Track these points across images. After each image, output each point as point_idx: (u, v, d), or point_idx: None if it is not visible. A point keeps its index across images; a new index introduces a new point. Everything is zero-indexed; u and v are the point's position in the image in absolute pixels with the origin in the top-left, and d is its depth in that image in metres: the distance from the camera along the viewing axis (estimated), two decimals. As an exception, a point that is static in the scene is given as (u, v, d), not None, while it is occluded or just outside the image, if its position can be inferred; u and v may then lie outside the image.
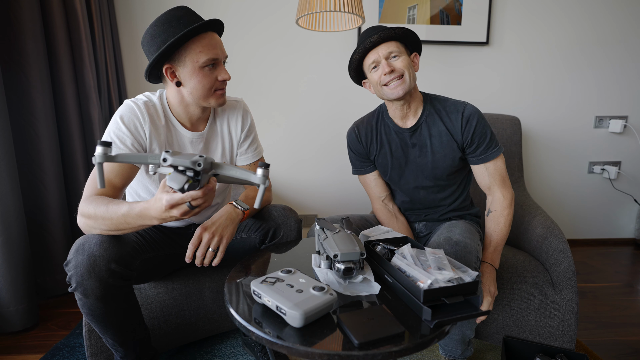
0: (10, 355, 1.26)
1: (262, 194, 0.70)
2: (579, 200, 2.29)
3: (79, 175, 1.62)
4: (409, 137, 1.15)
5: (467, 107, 1.09)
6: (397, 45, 1.06)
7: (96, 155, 0.65)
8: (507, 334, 1.20)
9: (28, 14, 1.40)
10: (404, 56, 1.06)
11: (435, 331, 0.64)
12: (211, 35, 0.95)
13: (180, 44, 0.91)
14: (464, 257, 0.94)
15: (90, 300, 0.82)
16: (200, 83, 0.94)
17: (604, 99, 2.18)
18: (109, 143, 0.65)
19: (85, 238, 0.83)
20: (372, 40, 1.03)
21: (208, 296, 1.19)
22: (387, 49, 1.05)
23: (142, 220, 0.78)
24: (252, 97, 2.05)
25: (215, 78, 0.96)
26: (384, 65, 1.05)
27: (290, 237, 1.09)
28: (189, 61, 0.92)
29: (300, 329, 0.64)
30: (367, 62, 1.09)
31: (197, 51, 0.91)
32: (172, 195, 0.69)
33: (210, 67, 0.94)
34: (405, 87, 1.05)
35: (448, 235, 1.00)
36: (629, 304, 1.62)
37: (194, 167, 0.66)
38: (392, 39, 1.06)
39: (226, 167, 0.71)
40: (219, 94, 0.99)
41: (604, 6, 2.07)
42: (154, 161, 0.68)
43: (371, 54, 1.07)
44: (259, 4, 1.98)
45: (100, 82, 1.75)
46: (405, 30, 1.05)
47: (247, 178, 0.70)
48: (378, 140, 1.19)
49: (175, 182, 0.66)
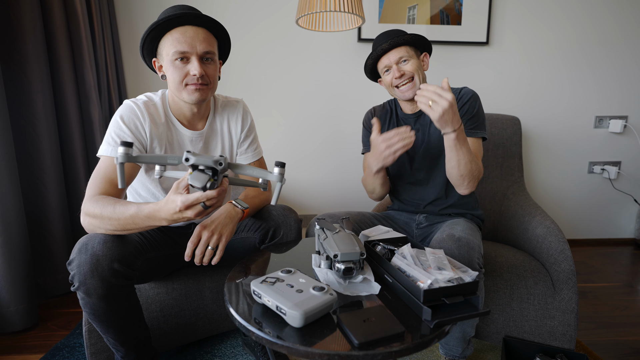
0: (10, 355, 1.26)
1: (279, 191, 0.76)
2: (579, 200, 2.29)
3: (79, 175, 1.62)
4: (414, 123, 1.24)
5: (465, 88, 1.18)
6: (407, 49, 1.15)
7: (119, 155, 0.67)
8: (507, 334, 1.20)
9: (28, 14, 1.40)
10: (413, 60, 1.16)
11: (435, 331, 0.64)
12: (188, 28, 0.93)
13: (158, 38, 0.95)
14: (467, 253, 0.94)
15: (93, 299, 0.83)
16: (172, 76, 0.96)
17: (604, 99, 2.18)
18: (131, 143, 0.68)
19: (88, 237, 0.83)
20: (382, 48, 1.14)
21: (208, 296, 1.20)
22: (397, 55, 1.15)
23: (151, 222, 0.79)
24: (251, 96, 2.05)
25: (186, 72, 0.95)
26: (395, 70, 1.15)
27: (290, 237, 1.09)
28: (164, 54, 0.95)
29: (300, 329, 0.64)
30: (380, 66, 1.20)
31: (168, 44, 0.94)
32: (187, 197, 0.71)
33: (180, 60, 0.94)
34: (415, 90, 1.15)
35: (451, 232, 1.00)
36: (629, 304, 1.62)
37: (216, 167, 0.69)
38: (401, 45, 1.15)
39: (244, 166, 0.75)
40: (191, 89, 0.96)
41: (604, 6, 2.07)
42: (173, 162, 0.71)
43: (383, 59, 1.18)
44: (259, 4, 1.98)
45: (100, 82, 1.75)
46: (414, 36, 1.14)
47: (264, 176, 0.75)
48: (391, 124, 1.30)
49: (198, 181, 0.68)
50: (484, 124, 1.17)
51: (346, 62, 2.06)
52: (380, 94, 2.09)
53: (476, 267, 0.94)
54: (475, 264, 0.94)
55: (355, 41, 2.03)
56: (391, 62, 1.15)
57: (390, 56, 1.15)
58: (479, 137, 1.16)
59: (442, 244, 0.97)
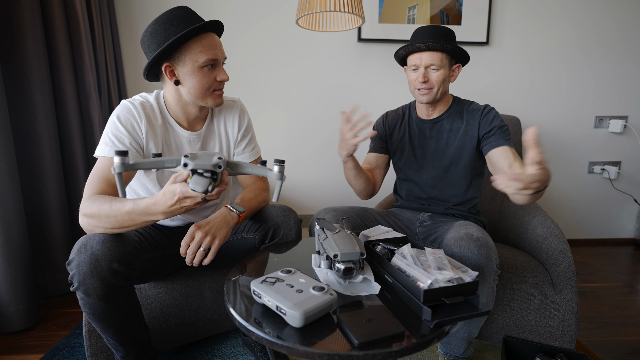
0: (10, 355, 1.26)
1: (279, 189, 0.76)
2: (579, 200, 2.29)
3: (79, 175, 1.62)
4: (429, 130, 1.25)
5: (488, 105, 1.19)
6: (442, 57, 1.13)
7: (115, 165, 0.67)
8: (507, 334, 1.20)
9: (28, 14, 1.40)
10: (442, 70, 1.14)
11: (435, 331, 0.64)
12: (211, 36, 0.96)
13: (181, 43, 0.91)
14: (487, 253, 0.92)
15: (92, 299, 0.82)
16: (199, 83, 0.95)
17: (604, 99, 2.18)
18: (126, 152, 0.68)
19: (87, 237, 0.83)
20: (419, 47, 1.12)
21: (208, 296, 1.19)
22: (430, 60, 1.13)
23: (148, 217, 0.79)
24: (251, 96, 2.05)
25: (214, 78, 0.97)
26: (421, 73, 1.14)
27: (290, 237, 1.09)
28: (188, 60, 0.93)
29: (300, 329, 0.64)
30: (410, 61, 1.19)
31: (197, 51, 0.92)
32: (185, 185, 0.71)
33: (209, 67, 0.95)
34: (430, 98, 1.17)
35: (468, 232, 0.99)
36: (629, 304, 1.62)
37: (215, 170, 0.68)
38: (438, 50, 1.12)
39: (243, 165, 0.75)
40: (216, 94, 1.00)
41: (604, 6, 2.07)
42: (171, 165, 0.71)
43: (414, 56, 1.16)
44: (259, 4, 1.98)
45: (100, 82, 1.75)
46: (455, 47, 1.12)
47: (264, 174, 0.75)
48: (402, 128, 1.30)
49: (199, 186, 0.68)
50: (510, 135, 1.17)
51: (346, 62, 2.06)
52: (380, 95, 2.09)
53: (494, 267, 0.92)
54: (494, 265, 0.92)
55: (355, 41, 2.03)
56: (421, 64, 1.14)
57: (423, 57, 1.13)
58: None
59: (461, 242, 0.95)
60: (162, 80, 1.00)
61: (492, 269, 0.92)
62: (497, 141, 1.13)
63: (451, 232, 1.04)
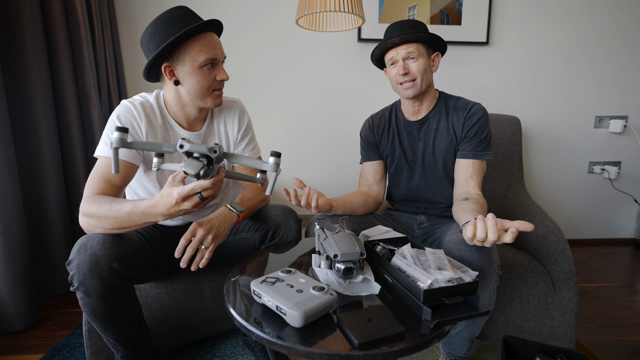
0: (10, 355, 1.26)
1: (274, 181, 0.75)
2: (579, 200, 2.29)
3: (79, 175, 1.62)
4: (417, 131, 1.21)
5: (476, 105, 1.14)
6: (417, 47, 1.10)
7: (113, 140, 0.67)
8: (507, 334, 1.20)
9: (28, 14, 1.40)
10: (422, 59, 1.10)
11: (435, 331, 0.64)
12: (210, 35, 0.95)
13: (180, 43, 0.91)
14: (487, 254, 0.90)
15: (92, 299, 0.83)
16: (199, 82, 0.95)
17: (604, 99, 2.18)
18: (126, 129, 0.68)
19: (87, 237, 0.83)
20: (392, 42, 1.09)
21: (208, 296, 1.19)
22: (406, 50, 1.10)
23: (147, 218, 0.79)
24: (251, 96, 2.05)
25: (214, 78, 0.97)
26: (400, 66, 1.10)
27: (289, 237, 1.09)
28: (188, 60, 0.93)
29: (300, 329, 0.64)
30: (387, 58, 1.15)
31: (196, 50, 0.92)
32: (182, 188, 0.71)
33: (209, 66, 0.95)
34: (416, 91, 1.12)
35: None
36: (629, 304, 1.62)
37: (210, 154, 0.69)
38: (413, 42, 1.10)
39: (239, 156, 0.74)
40: (216, 94, 1.00)
41: (604, 6, 2.07)
42: (168, 149, 0.71)
43: (391, 51, 1.13)
44: (259, 4, 1.98)
45: (100, 82, 1.75)
46: (429, 35, 1.09)
47: (260, 166, 0.74)
48: (390, 132, 1.26)
49: (191, 168, 0.68)
50: (491, 143, 1.14)
51: (346, 62, 2.06)
52: (380, 95, 2.09)
53: (495, 269, 0.91)
54: (495, 267, 0.91)
55: (355, 41, 2.03)
56: (398, 57, 1.10)
57: (399, 50, 1.10)
58: (484, 160, 1.13)
59: (461, 245, 0.92)
60: (162, 81, 1.00)
61: (493, 271, 0.90)
62: (467, 152, 1.12)
63: (450, 234, 1.03)
